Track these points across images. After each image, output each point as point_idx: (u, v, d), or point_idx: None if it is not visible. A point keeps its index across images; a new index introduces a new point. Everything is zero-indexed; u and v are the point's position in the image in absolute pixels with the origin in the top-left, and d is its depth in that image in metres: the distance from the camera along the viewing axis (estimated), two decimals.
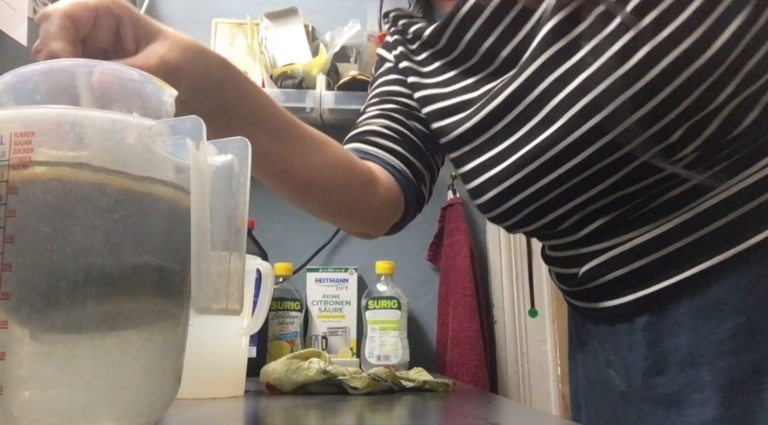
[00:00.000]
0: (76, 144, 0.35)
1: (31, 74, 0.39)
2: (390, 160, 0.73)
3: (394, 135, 0.74)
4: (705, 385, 0.55)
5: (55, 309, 0.33)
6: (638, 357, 0.61)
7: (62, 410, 0.34)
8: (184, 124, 0.36)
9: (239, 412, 0.63)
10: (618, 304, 0.62)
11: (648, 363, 0.60)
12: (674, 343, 0.58)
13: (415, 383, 0.75)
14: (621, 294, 0.61)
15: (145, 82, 0.41)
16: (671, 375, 0.58)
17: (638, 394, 0.61)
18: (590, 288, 0.65)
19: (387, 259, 1.27)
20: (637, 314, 0.61)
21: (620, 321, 0.63)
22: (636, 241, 0.59)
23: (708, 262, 0.56)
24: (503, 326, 1.42)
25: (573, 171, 0.60)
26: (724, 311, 0.55)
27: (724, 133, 0.56)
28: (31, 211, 0.34)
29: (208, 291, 0.36)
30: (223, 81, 0.53)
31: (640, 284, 0.60)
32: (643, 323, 0.60)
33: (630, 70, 0.53)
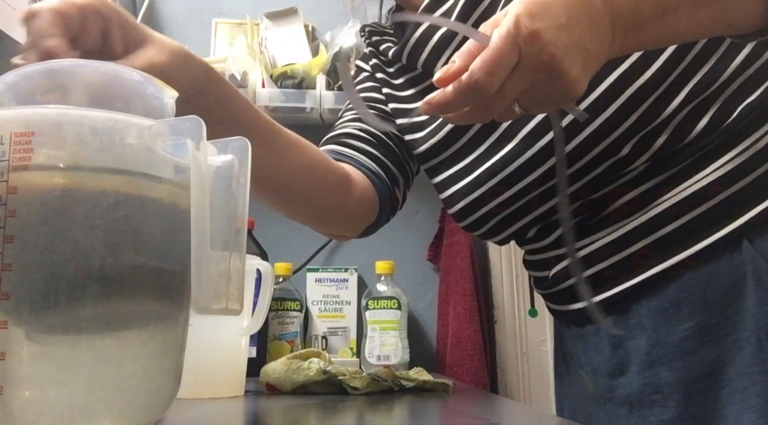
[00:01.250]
0: (76, 144, 0.35)
1: (32, 74, 0.39)
2: (365, 162, 0.74)
3: (369, 138, 0.76)
4: (664, 385, 0.57)
5: (55, 309, 0.33)
6: (603, 359, 0.62)
7: (62, 410, 0.34)
8: (184, 124, 0.36)
9: (239, 412, 0.63)
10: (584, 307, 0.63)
11: (612, 365, 0.61)
12: (635, 344, 0.59)
13: (415, 383, 0.75)
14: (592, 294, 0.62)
15: (146, 83, 0.41)
16: (632, 376, 0.59)
17: (605, 395, 0.63)
18: (559, 291, 0.67)
19: (387, 259, 1.27)
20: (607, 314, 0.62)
21: (588, 323, 0.65)
22: (596, 245, 0.61)
23: (665, 263, 0.57)
24: (503, 326, 1.42)
25: (531, 185, 0.63)
26: (681, 311, 0.56)
27: (674, 143, 0.58)
28: (30, 211, 0.34)
29: (208, 291, 0.36)
30: (206, 87, 0.53)
31: (602, 286, 0.61)
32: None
33: None
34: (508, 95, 0.44)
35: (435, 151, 0.71)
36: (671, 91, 0.56)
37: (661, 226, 0.57)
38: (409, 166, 0.80)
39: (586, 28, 0.44)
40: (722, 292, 0.55)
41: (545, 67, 0.42)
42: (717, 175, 0.56)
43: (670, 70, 0.56)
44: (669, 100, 0.57)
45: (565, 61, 0.42)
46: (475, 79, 0.41)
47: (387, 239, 1.42)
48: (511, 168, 0.63)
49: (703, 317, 0.55)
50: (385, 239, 1.42)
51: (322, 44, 1.46)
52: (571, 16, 0.43)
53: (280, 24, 1.49)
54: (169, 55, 0.48)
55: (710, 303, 0.55)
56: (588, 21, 0.44)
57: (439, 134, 0.70)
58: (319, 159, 0.68)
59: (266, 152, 0.62)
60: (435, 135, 0.71)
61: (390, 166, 0.76)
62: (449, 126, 0.69)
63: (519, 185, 0.64)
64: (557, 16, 0.42)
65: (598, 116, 0.57)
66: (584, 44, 0.44)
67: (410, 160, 0.80)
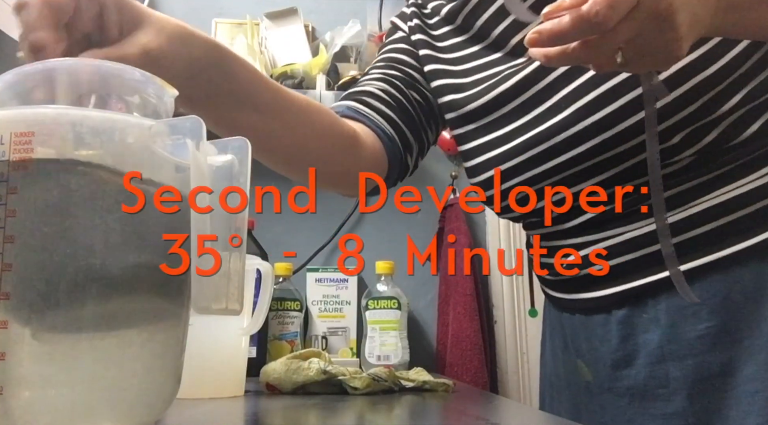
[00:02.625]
0: (76, 144, 0.35)
1: (32, 73, 0.39)
2: (380, 123, 0.72)
3: (390, 100, 0.74)
4: (671, 381, 0.57)
5: (55, 309, 0.33)
6: (609, 350, 0.62)
7: (62, 410, 0.34)
8: (184, 123, 0.36)
9: (239, 412, 0.63)
10: (598, 297, 0.63)
11: (618, 356, 0.61)
12: (646, 338, 0.59)
13: (415, 383, 0.75)
14: (602, 286, 0.62)
15: (147, 82, 0.41)
16: (638, 368, 0.59)
17: (603, 385, 0.63)
18: (571, 279, 0.66)
19: (387, 259, 1.27)
20: (615, 307, 0.62)
21: (597, 313, 0.64)
22: (624, 236, 0.60)
23: (692, 263, 0.56)
24: (503, 326, 1.41)
25: (572, 161, 0.61)
26: (701, 311, 0.56)
27: (723, 141, 0.57)
28: (31, 210, 0.34)
29: (208, 291, 0.36)
30: (209, 64, 0.52)
31: (622, 278, 0.60)
32: (619, 317, 0.61)
33: None
34: (619, 37, 0.43)
35: (477, 115, 0.69)
36: (731, 89, 0.56)
37: (694, 226, 0.57)
38: (426, 134, 0.78)
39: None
40: (744, 298, 0.55)
41: (661, 14, 0.42)
42: (758, 184, 0.56)
43: (735, 67, 0.56)
44: (727, 97, 0.56)
45: (679, 15, 0.42)
46: (596, 9, 0.40)
47: (387, 239, 1.42)
48: (558, 138, 0.61)
49: (722, 319, 0.55)
50: (385, 239, 1.42)
51: (322, 44, 1.46)
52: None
53: (280, 24, 1.49)
54: (166, 37, 0.48)
55: (731, 306, 0.55)
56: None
57: (488, 96, 0.67)
58: (327, 125, 0.67)
59: (273, 124, 0.61)
60: (481, 97, 0.68)
61: (405, 131, 0.74)
62: (500, 89, 0.66)
63: (561, 158, 0.61)
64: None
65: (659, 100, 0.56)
66: (695, 6, 0.43)
67: (429, 129, 0.78)
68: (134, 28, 0.47)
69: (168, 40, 0.48)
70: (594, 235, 0.62)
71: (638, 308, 0.60)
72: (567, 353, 0.70)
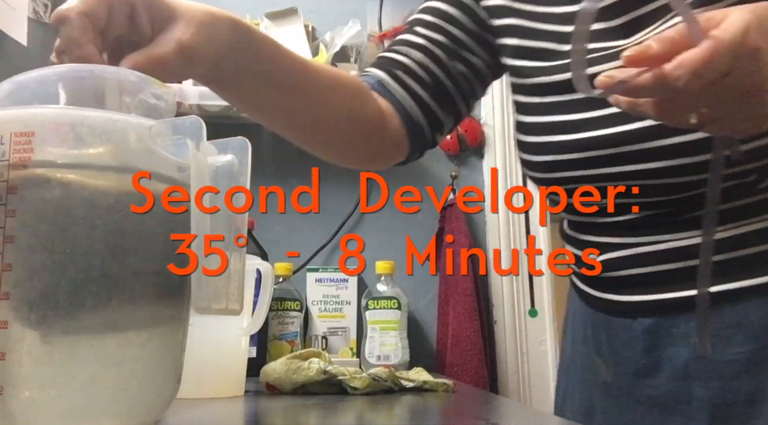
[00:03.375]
0: (76, 144, 0.35)
1: (27, 82, 0.39)
2: (408, 105, 0.67)
3: (425, 76, 0.68)
4: (694, 399, 0.55)
5: (55, 309, 0.33)
6: (632, 356, 0.60)
7: (62, 410, 0.34)
8: (184, 123, 0.36)
9: (239, 412, 0.63)
10: (626, 301, 0.60)
11: (640, 365, 0.59)
12: (673, 352, 0.57)
13: (415, 383, 0.75)
14: (633, 292, 0.60)
15: (143, 84, 0.41)
16: (661, 380, 0.57)
17: (623, 389, 0.61)
18: (602, 278, 0.62)
19: (387, 259, 1.27)
20: (641, 315, 0.59)
21: (621, 316, 0.61)
22: (669, 244, 0.57)
23: (734, 283, 0.54)
24: (503, 326, 1.41)
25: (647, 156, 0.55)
26: (736, 335, 0.54)
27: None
28: (31, 210, 0.34)
29: (208, 291, 0.36)
30: (234, 46, 0.51)
31: (657, 287, 0.58)
32: (645, 326, 0.59)
33: None
34: (699, 104, 0.41)
35: (553, 90, 0.61)
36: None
37: (742, 246, 0.54)
38: (465, 105, 0.72)
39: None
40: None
41: (752, 88, 0.40)
42: None
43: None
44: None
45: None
46: (679, 74, 0.38)
47: (387, 239, 1.42)
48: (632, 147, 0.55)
49: (756, 346, 0.53)
50: (385, 239, 1.42)
51: (322, 44, 1.46)
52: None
53: (280, 24, 1.49)
54: (196, 27, 0.47)
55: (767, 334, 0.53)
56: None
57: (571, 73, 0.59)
58: (351, 106, 0.64)
59: (292, 102, 0.59)
60: (563, 72, 0.60)
61: (436, 110, 0.68)
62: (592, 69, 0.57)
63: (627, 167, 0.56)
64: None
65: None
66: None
67: (469, 99, 0.72)
68: (165, 23, 0.46)
69: (198, 29, 0.47)
70: (639, 237, 0.59)
71: (667, 321, 0.57)
72: (585, 346, 0.67)
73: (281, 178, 1.41)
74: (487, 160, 1.49)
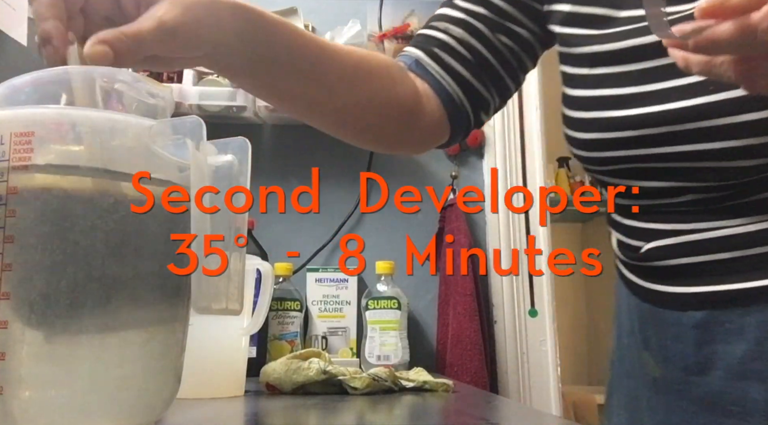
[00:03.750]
0: (76, 144, 0.35)
1: (22, 85, 0.39)
2: (448, 85, 0.64)
3: (465, 53, 0.64)
4: (749, 402, 0.51)
5: (56, 309, 0.33)
6: (682, 352, 0.56)
7: (62, 410, 0.34)
8: (184, 123, 0.36)
9: (239, 412, 0.63)
10: (675, 292, 0.56)
11: (691, 362, 0.55)
12: (727, 350, 0.53)
13: (415, 383, 0.75)
14: (682, 283, 0.55)
15: (136, 83, 0.40)
16: (713, 379, 0.54)
17: (672, 386, 0.56)
18: (650, 267, 0.58)
19: (387, 259, 1.27)
20: (692, 308, 0.55)
21: (669, 309, 0.57)
22: (726, 231, 0.52)
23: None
24: (503, 326, 1.41)
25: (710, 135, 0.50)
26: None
27: None
28: (31, 210, 0.34)
29: (208, 291, 0.36)
30: (240, 30, 0.49)
31: (711, 278, 0.54)
32: (696, 319, 0.54)
33: None
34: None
35: (610, 59, 0.56)
36: None
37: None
38: (512, 81, 0.68)
39: None
40: None
41: None
42: None
43: None
44: None
45: None
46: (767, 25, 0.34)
47: (387, 239, 1.42)
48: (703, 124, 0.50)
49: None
50: (385, 239, 1.42)
51: None
52: None
53: None
54: (183, 8, 0.44)
55: None
56: None
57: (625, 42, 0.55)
58: (379, 90, 0.61)
59: (312, 90, 0.57)
60: (616, 41, 0.55)
61: (480, 89, 0.65)
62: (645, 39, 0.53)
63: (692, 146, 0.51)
64: None
65: None
66: None
67: (517, 73, 0.67)
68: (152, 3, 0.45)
69: (185, 10, 0.45)
70: (689, 224, 0.54)
71: (720, 315, 0.53)
72: (632, 339, 0.63)
73: (281, 178, 1.42)
74: (487, 160, 1.50)
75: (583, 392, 2.89)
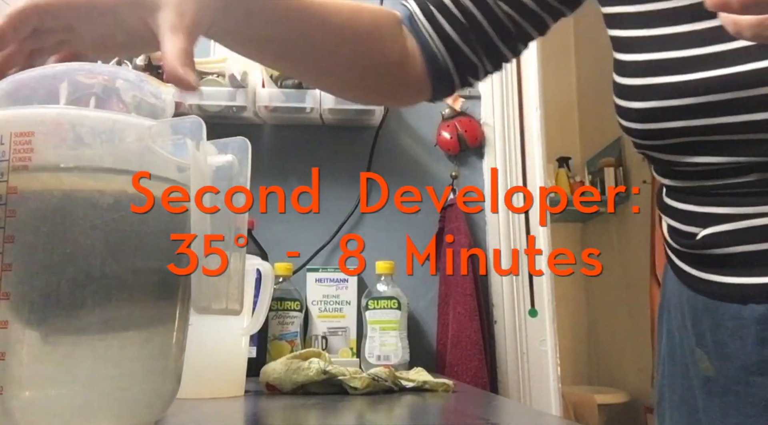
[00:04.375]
0: (76, 144, 0.35)
1: (27, 80, 0.39)
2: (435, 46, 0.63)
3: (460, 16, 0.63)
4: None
5: (56, 309, 0.33)
6: (741, 349, 0.51)
7: (62, 410, 0.34)
8: (184, 123, 0.36)
9: (239, 412, 0.63)
10: (734, 283, 0.52)
11: (753, 360, 0.50)
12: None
13: (415, 383, 0.75)
14: (743, 273, 0.51)
15: (140, 82, 0.41)
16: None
17: (730, 387, 0.52)
18: (706, 255, 0.54)
19: (387, 259, 1.27)
20: (755, 301, 0.50)
21: (728, 301, 0.53)
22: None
23: None
24: (503, 326, 1.42)
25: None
26: None
27: None
28: (31, 210, 0.34)
29: (208, 291, 0.36)
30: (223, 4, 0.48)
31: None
32: (759, 313, 0.50)
33: None
34: None
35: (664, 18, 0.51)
36: None
37: None
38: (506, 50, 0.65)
39: None
40: None
41: None
42: None
43: None
44: None
45: None
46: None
47: (387, 239, 1.42)
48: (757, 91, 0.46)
49: None
50: (385, 239, 1.42)
51: None
52: None
53: None
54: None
55: None
56: None
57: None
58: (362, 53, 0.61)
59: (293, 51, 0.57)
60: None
61: (468, 54, 0.64)
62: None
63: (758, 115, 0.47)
64: None
65: None
66: None
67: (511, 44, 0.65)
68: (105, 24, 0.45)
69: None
70: (752, 207, 0.50)
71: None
72: (685, 335, 0.58)
73: (281, 178, 1.42)
74: (487, 160, 1.50)
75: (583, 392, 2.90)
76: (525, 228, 1.46)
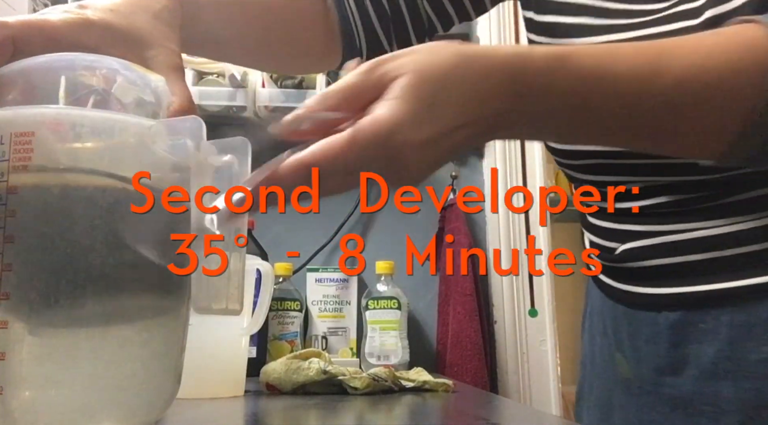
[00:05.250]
0: (76, 144, 0.35)
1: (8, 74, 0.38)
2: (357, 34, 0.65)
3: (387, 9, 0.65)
4: (721, 401, 0.51)
5: (56, 308, 0.33)
6: (654, 353, 0.56)
7: (62, 410, 0.34)
8: (184, 124, 0.36)
9: (239, 412, 0.63)
10: (650, 294, 0.56)
11: (664, 362, 0.55)
12: (699, 350, 0.53)
13: (415, 383, 0.75)
14: (658, 284, 0.56)
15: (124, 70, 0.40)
16: (685, 379, 0.54)
17: (645, 387, 0.57)
18: (624, 268, 0.58)
19: (387, 259, 1.27)
20: (667, 309, 0.55)
21: (644, 310, 0.57)
22: (702, 233, 0.52)
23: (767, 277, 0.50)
24: (503, 326, 1.41)
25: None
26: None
27: None
28: (31, 210, 0.34)
29: (208, 291, 0.36)
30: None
31: (684, 280, 0.54)
32: (671, 320, 0.55)
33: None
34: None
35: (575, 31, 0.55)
36: None
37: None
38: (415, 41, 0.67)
39: (469, 135, 0.39)
40: None
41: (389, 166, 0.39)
42: None
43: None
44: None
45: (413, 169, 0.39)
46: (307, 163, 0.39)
47: (387, 239, 1.42)
48: None
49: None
50: (385, 239, 1.42)
51: None
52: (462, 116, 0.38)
53: None
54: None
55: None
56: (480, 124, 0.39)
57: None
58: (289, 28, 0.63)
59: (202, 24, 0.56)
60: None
61: (383, 44, 0.66)
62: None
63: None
64: (444, 120, 0.38)
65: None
66: (454, 150, 0.40)
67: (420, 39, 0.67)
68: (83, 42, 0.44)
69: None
70: (663, 225, 0.55)
71: (695, 315, 0.53)
72: (605, 340, 0.63)
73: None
74: (487, 160, 1.50)
75: None
76: (525, 228, 1.46)
